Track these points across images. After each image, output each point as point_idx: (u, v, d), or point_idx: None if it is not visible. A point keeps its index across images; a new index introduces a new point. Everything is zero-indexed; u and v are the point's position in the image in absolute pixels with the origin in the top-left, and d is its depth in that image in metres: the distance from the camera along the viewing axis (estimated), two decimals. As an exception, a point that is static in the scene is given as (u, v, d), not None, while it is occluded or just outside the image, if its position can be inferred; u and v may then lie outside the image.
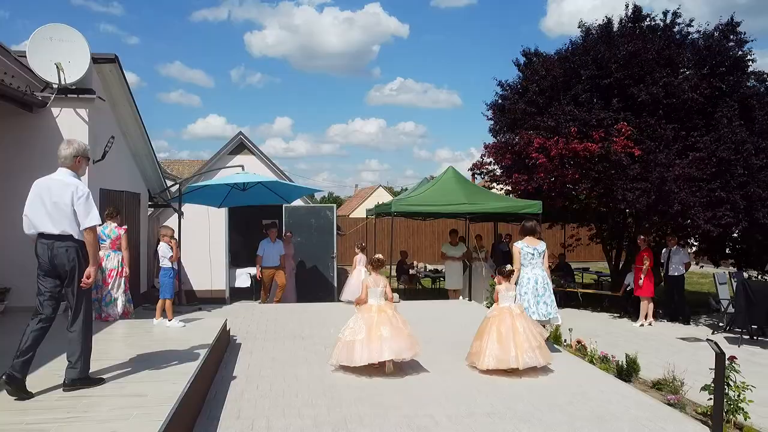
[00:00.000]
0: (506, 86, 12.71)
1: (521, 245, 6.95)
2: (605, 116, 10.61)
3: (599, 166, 10.58)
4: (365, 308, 6.02)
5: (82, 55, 7.40)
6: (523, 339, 5.89)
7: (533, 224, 7.06)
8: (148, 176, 10.55)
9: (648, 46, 10.69)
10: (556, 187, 11.08)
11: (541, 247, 6.92)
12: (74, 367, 4.05)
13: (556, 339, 8.27)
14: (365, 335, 5.77)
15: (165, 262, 7.18)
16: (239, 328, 8.33)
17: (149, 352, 5.34)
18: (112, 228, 7.25)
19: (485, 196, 11.70)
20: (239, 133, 13.17)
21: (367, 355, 5.70)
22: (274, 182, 10.75)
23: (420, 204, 11.27)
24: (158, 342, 5.81)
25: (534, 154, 10.79)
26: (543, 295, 6.89)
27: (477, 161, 12.93)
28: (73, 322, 4.07)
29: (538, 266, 6.88)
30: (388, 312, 5.96)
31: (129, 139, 9.36)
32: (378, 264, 6.26)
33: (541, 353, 5.95)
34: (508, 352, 5.81)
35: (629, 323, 11.27)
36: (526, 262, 6.90)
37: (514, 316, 6.08)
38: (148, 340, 5.90)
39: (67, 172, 4.08)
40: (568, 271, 14.26)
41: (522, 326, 6.01)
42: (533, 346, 5.90)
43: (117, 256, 7.29)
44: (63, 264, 3.97)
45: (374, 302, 6.01)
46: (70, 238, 3.97)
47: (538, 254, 6.87)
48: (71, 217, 3.94)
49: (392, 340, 5.72)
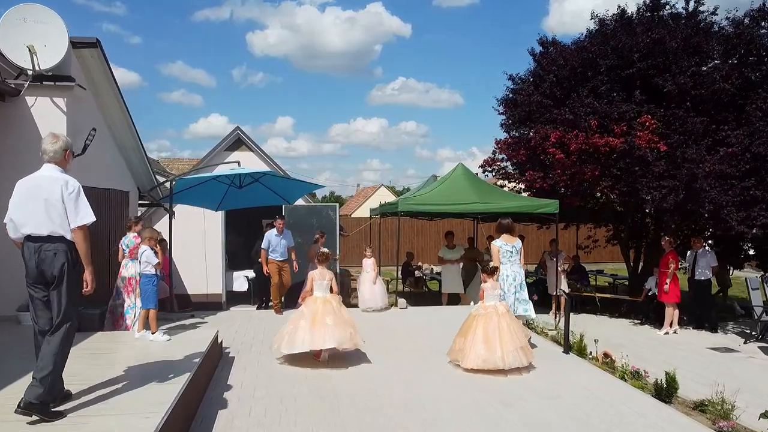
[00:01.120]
0: (518, 79, 11.99)
1: (500, 243, 6.92)
2: (627, 109, 9.89)
3: (621, 163, 9.86)
4: (310, 300, 6.28)
5: (60, 39, 6.70)
6: (508, 339, 5.91)
7: (509, 222, 7.07)
8: (138, 173, 9.85)
9: (673, 33, 9.96)
10: (573, 185, 10.35)
11: (518, 245, 6.98)
12: (39, 385, 3.48)
13: (581, 351, 7.56)
14: (309, 323, 5.98)
15: (148, 268, 6.46)
16: (233, 338, 7.63)
17: (125, 372, 4.63)
18: (131, 238, 7.29)
19: (498, 194, 10.99)
20: (236, 128, 12.46)
21: (309, 341, 5.93)
22: (272, 178, 10.00)
23: (428, 203, 10.56)
24: (137, 360, 5.11)
25: (551, 150, 10.07)
26: (521, 291, 6.92)
27: (488, 158, 12.24)
28: (54, 331, 3.65)
29: (516, 263, 6.92)
30: (333, 303, 6.22)
31: (115, 132, 8.66)
32: (324, 258, 6.51)
33: (524, 353, 5.99)
34: (494, 352, 5.82)
35: (652, 331, 10.55)
36: (505, 259, 6.89)
37: (500, 315, 6.10)
38: (126, 358, 5.19)
39: (54, 167, 3.80)
40: (582, 273, 13.52)
41: (508, 325, 6.03)
42: (517, 346, 5.91)
43: (135, 265, 7.12)
44: (50, 268, 3.64)
45: (320, 294, 6.27)
46: (60, 239, 3.67)
47: (516, 251, 6.92)
48: (63, 215, 3.66)
49: (335, 329, 5.95)
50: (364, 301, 10.04)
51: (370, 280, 10.14)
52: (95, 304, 7.48)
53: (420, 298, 13.37)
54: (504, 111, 12.14)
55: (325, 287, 6.29)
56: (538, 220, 12.25)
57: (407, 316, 9.72)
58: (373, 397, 5.17)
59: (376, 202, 14.68)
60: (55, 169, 3.80)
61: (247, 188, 10.20)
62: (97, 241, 8.13)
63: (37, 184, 3.72)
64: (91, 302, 7.44)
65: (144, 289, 6.37)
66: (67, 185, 3.71)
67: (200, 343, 5.80)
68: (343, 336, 5.98)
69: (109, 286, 8.65)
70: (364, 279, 10.31)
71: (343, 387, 5.49)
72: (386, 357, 6.70)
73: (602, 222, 12.67)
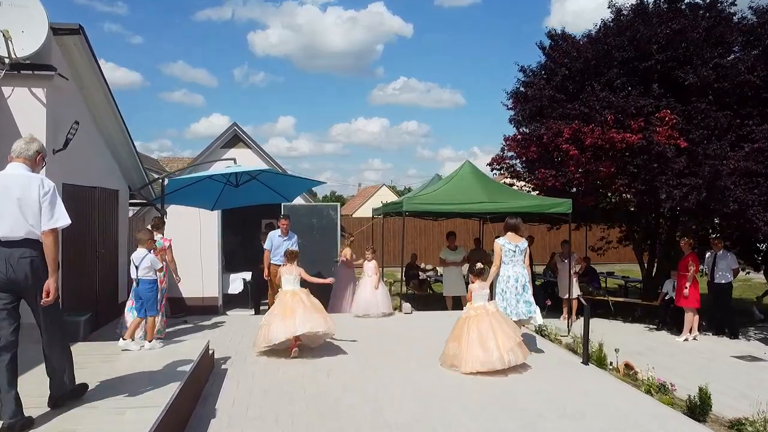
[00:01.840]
0: (529, 72, 11.45)
1: (503, 242, 6.72)
2: (645, 103, 9.36)
3: (638, 160, 9.32)
4: (281, 294, 6.75)
5: (39, 24, 6.18)
6: (504, 337, 5.86)
7: (517, 221, 6.85)
8: (128, 170, 9.33)
9: (694, 23, 9.42)
10: (587, 183, 9.82)
11: (523, 245, 6.74)
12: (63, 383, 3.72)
13: (600, 361, 7.04)
14: (281, 315, 6.39)
15: (150, 274, 5.93)
16: (227, 346, 7.11)
17: (103, 390, 4.12)
18: (158, 239, 7.30)
19: (507, 193, 10.47)
20: (233, 124, 11.95)
21: (282, 331, 6.28)
22: (270, 175, 9.49)
23: (435, 202, 10.03)
24: (117, 374, 4.59)
25: (564, 146, 9.55)
26: (524, 294, 6.68)
27: (496, 155, 11.69)
28: (51, 343, 3.63)
29: (519, 264, 6.68)
30: (301, 296, 6.61)
31: (102, 126, 8.13)
32: (292, 257, 6.96)
33: (521, 350, 5.96)
34: (491, 353, 5.77)
35: (670, 337, 10.01)
36: (507, 259, 6.67)
37: (491, 314, 6.05)
38: (106, 372, 4.66)
39: (24, 166, 3.59)
40: (593, 276, 12.99)
41: (500, 324, 5.99)
42: (514, 344, 5.88)
43: None
44: (24, 278, 3.42)
45: (289, 288, 6.73)
46: (35, 244, 3.45)
47: (520, 251, 6.68)
48: (38, 216, 3.44)
49: (305, 316, 6.33)
50: (360, 307, 9.40)
51: (371, 284, 9.51)
52: (80, 310, 6.99)
53: (425, 301, 12.86)
54: (513, 106, 11.61)
55: (293, 281, 6.74)
56: (549, 220, 11.74)
57: (413, 322, 9.21)
58: (378, 417, 4.66)
59: (378, 202, 14.18)
60: (24, 167, 3.59)
61: (243, 186, 9.70)
62: (84, 242, 7.66)
63: (5, 184, 3.47)
64: (75, 307, 6.98)
65: (145, 295, 5.86)
66: (43, 184, 3.50)
67: (188, 356, 5.29)
68: (313, 322, 6.37)
69: (96, 289, 8.17)
70: (364, 283, 9.66)
71: (345, 403, 4.99)
72: (392, 368, 6.20)
73: (615, 222, 12.12)
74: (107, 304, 8.46)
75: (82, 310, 6.98)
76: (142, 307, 5.85)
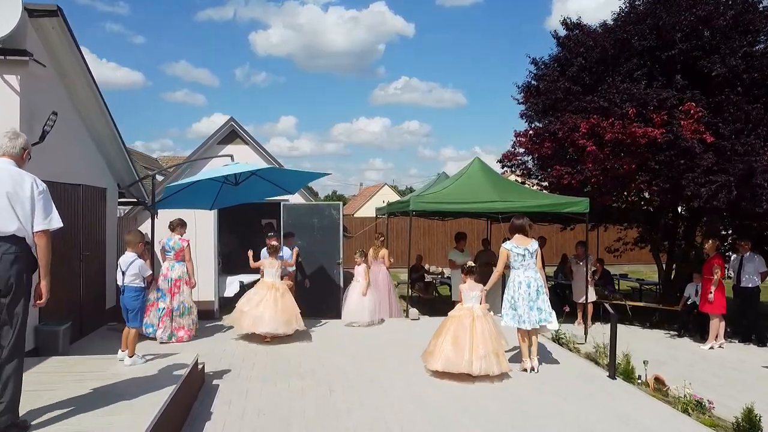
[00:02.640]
0: (541, 64, 10.86)
1: (509, 246, 6.23)
2: (668, 95, 8.76)
3: (661, 155, 8.73)
4: (261, 283, 7.58)
5: (12, 5, 5.60)
6: (479, 343, 5.62)
7: (524, 221, 6.33)
8: (117, 167, 8.76)
9: (721, 10, 8.82)
10: (606, 181, 9.22)
11: (533, 247, 6.22)
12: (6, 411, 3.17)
13: (627, 374, 6.46)
14: (254, 306, 7.23)
15: (137, 281, 5.30)
16: (221, 358, 6.54)
17: (66, 418, 3.54)
18: (176, 240, 7.58)
19: (520, 192, 9.86)
20: (230, 119, 11.33)
21: (250, 324, 7.18)
22: (270, 170, 8.89)
23: (444, 201, 9.44)
24: (87, 398, 4.00)
25: (581, 142, 8.95)
26: (537, 300, 6.15)
27: (507, 152, 11.09)
28: (12, 353, 3.20)
29: (531, 268, 6.18)
30: (279, 290, 7.42)
31: (86, 119, 7.55)
32: (274, 250, 7.69)
33: (498, 361, 5.66)
34: (461, 355, 5.58)
35: (693, 344, 9.40)
36: (517, 264, 6.19)
37: (475, 318, 5.81)
38: (83, 388, 4.08)
39: (10, 161, 3.44)
40: (608, 278, 12.39)
41: (481, 329, 5.73)
42: (489, 352, 5.60)
43: (181, 266, 7.58)
44: (5, 276, 3.20)
45: (269, 280, 7.54)
46: (21, 242, 3.28)
47: (530, 255, 6.17)
48: (29, 214, 3.30)
49: (271, 317, 7.12)
50: (349, 313, 8.73)
51: (359, 290, 8.77)
52: (59, 318, 6.43)
53: (431, 305, 12.26)
54: (524, 100, 11.01)
55: (274, 274, 7.50)
56: (563, 220, 11.15)
57: (420, 329, 8.58)
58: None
59: (379, 202, 13.59)
60: (10, 163, 3.43)
61: (243, 183, 9.11)
62: (66, 243, 7.09)
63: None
64: (52, 315, 6.41)
65: (131, 304, 5.22)
66: (37, 183, 3.39)
67: (176, 371, 4.73)
68: (277, 323, 7.13)
69: (80, 294, 7.60)
70: (352, 288, 8.92)
71: (349, 426, 4.41)
72: (404, 383, 5.62)
73: (633, 223, 11.53)
74: (93, 310, 7.89)
75: (61, 318, 6.42)
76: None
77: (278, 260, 7.61)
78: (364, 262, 9.05)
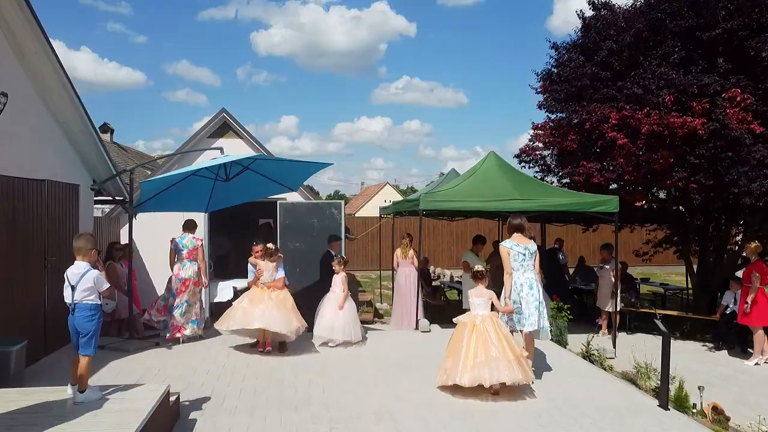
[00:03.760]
0: (563, 49, 9.90)
1: (510, 244, 5.78)
2: (709, 81, 7.81)
3: (703, 148, 7.78)
4: (255, 284, 7.05)
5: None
6: (498, 353, 5.11)
7: (522, 220, 5.95)
8: (92, 162, 7.82)
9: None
10: (639, 178, 8.28)
11: (533, 247, 5.85)
12: None
13: (680, 402, 5.52)
14: (247, 303, 6.74)
15: (91, 297, 4.34)
16: (203, 382, 5.58)
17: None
18: (190, 239, 7.49)
19: (541, 189, 8.91)
20: (222, 110, 10.41)
21: (242, 320, 6.60)
22: (264, 162, 7.94)
23: (458, 199, 8.50)
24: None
25: (610, 134, 8.00)
26: (542, 303, 5.77)
27: (525, 146, 10.14)
28: None
29: (530, 269, 5.79)
30: (276, 290, 6.90)
31: (53, 107, 6.61)
32: (269, 253, 7.13)
33: (521, 369, 5.12)
34: (481, 367, 5.09)
35: (735, 360, 8.45)
36: (517, 264, 5.75)
37: (487, 325, 5.32)
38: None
39: None
40: (631, 284, 11.43)
41: (496, 337, 5.22)
42: (511, 360, 5.10)
43: (193, 266, 7.41)
44: None
45: (267, 281, 7.01)
46: None
47: (530, 255, 5.79)
48: None
49: (269, 312, 6.54)
50: (321, 329, 7.27)
51: (336, 302, 7.36)
52: (12, 334, 5.49)
53: (440, 312, 11.29)
54: (543, 89, 10.05)
55: (270, 276, 6.99)
56: (588, 220, 10.20)
57: (434, 342, 7.60)
58: None
59: (381, 201, 12.62)
60: None
61: (237, 180, 8.16)
62: (25, 248, 6.12)
63: None
64: (5, 331, 5.48)
65: (83, 326, 4.23)
66: None
67: (141, 406, 3.79)
68: (274, 320, 6.51)
69: (44, 306, 6.65)
70: (327, 299, 7.49)
71: None
72: (418, 417, 4.67)
73: (662, 223, 10.58)
74: (60, 324, 6.89)
75: (14, 334, 5.48)
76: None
77: (273, 263, 7.09)
78: (343, 270, 7.62)
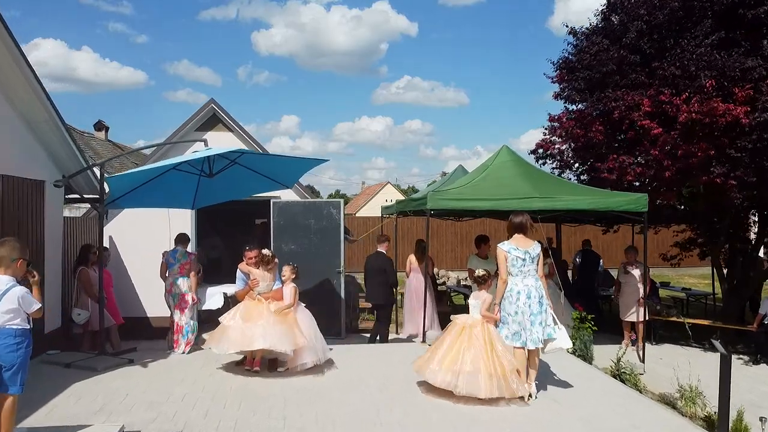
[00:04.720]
0: (582, 34, 9.06)
1: (507, 247, 5.15)
2: (753, 64, 6.98)
3: (746, 140, 6.95)
4: (249, 296, 6.08)
5: None
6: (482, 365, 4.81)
7: (523, 219, 5.24)
8: (62, 157, 6.98)
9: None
10: (673, 173, 7.44)
11: (535, 250, 5.15)
12: None
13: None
14: (243, 320, 5.76)
15: (17, 320, 3.50)
16: (175, 413, 4.70)
17: None
18: (183, 252, 7.04)
19: (560, 186, 8.09)
20: (210, 101, 9.56)
21: (240, 342, 5.64)
22: (254, 157, 7.13)
23: (469, 198, 7.67)
24: None
25: (643, 122, 7.16)
26: (539, 314, 5.06)
27: (542, 140, 9.29)
28: None
29: (531, 275, 5.12)
30: (276, 302, 5.94)
31: (12, 96, 5.76)
32: (265, 260, 6.22)
33: (506, 385, 4.80)
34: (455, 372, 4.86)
35: (778, 374, 7.64)
36: (515, 269, 5.10)
37: (477, 331, 5.03)
38: None
39: None
40: (653, 290, 10.57)
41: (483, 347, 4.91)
42: (492, 374, 4.79)
43: (187, 281, 6.96)
44: None
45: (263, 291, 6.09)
46: None
47: (531, 259, 5.12)
48: None
49: (271, 329, 5.61)
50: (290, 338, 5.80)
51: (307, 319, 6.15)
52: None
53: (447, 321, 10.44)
54: (560, 78, 9.19)
55: (266, 287, 6.15)
56: (612, 220, 9.35)
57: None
58: None
59: (382, 201, 11.79)
60: None
61: (224, 175, 7.33)
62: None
63: None
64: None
65: (6, 358, 3.41)
66: None
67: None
68: (274, 338, 5.56)
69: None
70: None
71: None
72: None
73: (690, 223, 9.76)
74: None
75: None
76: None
77: (270, 274, 6.18)
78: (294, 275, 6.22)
